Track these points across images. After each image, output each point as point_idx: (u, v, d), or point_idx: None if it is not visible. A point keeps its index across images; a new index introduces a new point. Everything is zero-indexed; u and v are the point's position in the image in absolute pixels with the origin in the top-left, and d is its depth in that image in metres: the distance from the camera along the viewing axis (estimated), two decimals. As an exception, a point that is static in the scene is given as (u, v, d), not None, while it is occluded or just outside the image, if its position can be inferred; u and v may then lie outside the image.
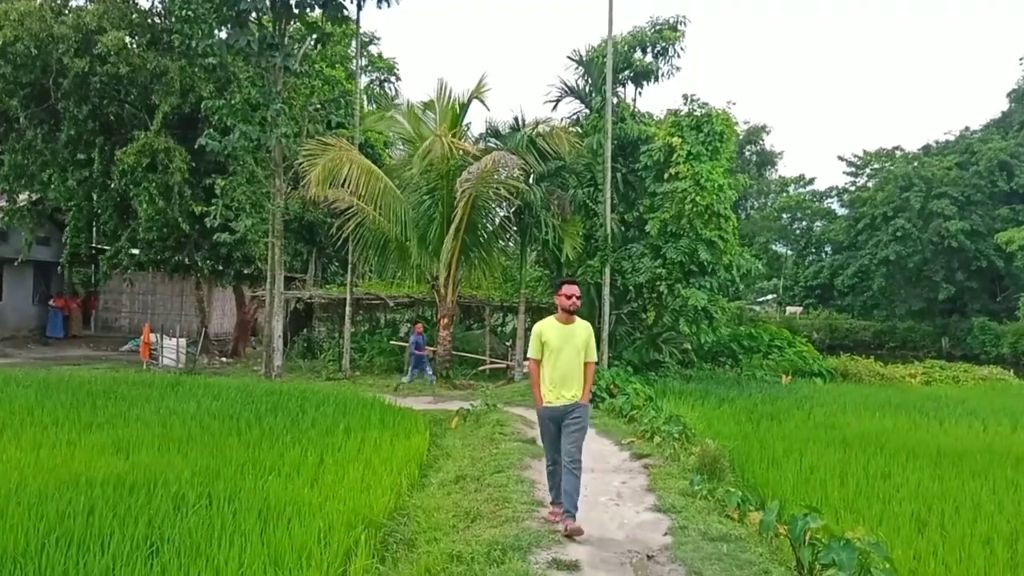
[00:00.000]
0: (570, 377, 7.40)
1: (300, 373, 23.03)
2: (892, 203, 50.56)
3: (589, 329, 7.67)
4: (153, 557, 5.63)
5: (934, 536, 7.34)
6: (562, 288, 7.55)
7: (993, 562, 6.55)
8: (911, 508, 8.37)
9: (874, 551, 5.89)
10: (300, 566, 5.73)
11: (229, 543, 5.96)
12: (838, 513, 8.06)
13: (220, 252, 24.57)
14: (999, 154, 48.99)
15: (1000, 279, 49.90)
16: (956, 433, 13.92)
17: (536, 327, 7.63)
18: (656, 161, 21.48)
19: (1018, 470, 10.62)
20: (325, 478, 8.64)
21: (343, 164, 19.85)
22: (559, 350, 7.39)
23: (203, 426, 11.40)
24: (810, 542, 6.24)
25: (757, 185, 68.95)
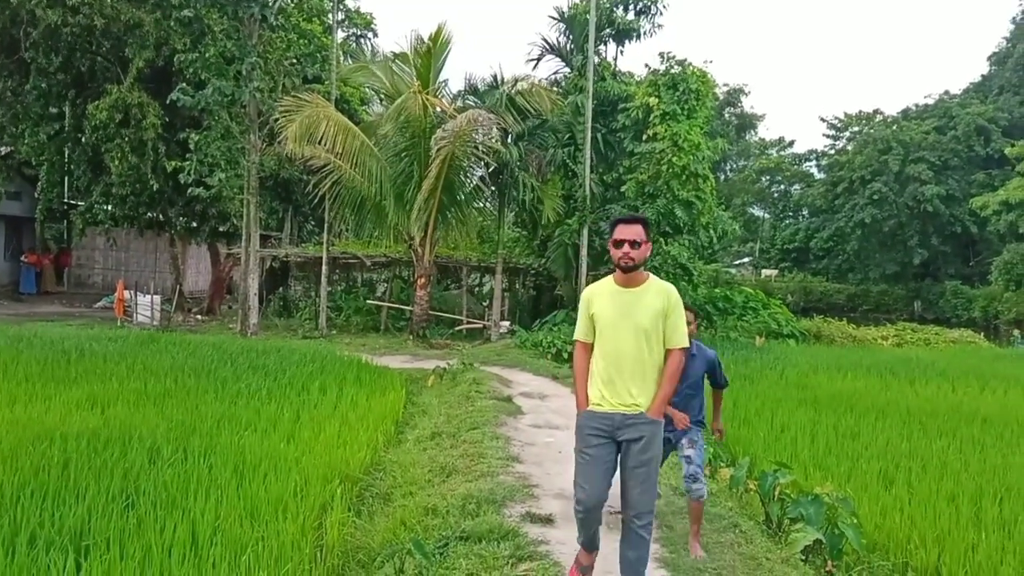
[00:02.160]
0: (627, 372, 4.65)
1: (276, 331, 23.00)
2: (870, 167, 50.88)
3: (669, 295, 4.73)
4: (129, 509, 5.66)
5: (901, 493, 7.49)
6: (615, 230, 4.74)
7: (957, 518, 6.70)
8: (879, 466, 8.53)
9: (841, 506, 6.05)
10: (276, 518, 5.79)
11: (205, 496, 6.00)
12: (807, 470, 8.20)
13: (195, 209, 24.34)
14: (977, 119, 49.35)
15: (973, 244, 50.49)
16: (925, 394, 14.14)
17: (584, 292, 5.00)
18: (635, 121, 21.45)
19: (984, 430, 10.84)
20: (301, 434, 8.68)
21: (319, 121, 19.70)
22: (612, 327, 4.70)
23: (179, 382, 11.39)
24: (779, 497, 6.40)
25: (737, 148, 69.13)
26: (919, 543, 6.14)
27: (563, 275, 23.30)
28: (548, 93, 21.48)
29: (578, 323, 4.92)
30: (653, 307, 4.64)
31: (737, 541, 5.74)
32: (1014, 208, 40.47)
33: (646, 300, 4.67)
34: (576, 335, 4.93)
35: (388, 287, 27.21)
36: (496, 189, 22.66)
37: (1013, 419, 11.72)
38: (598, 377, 4.74)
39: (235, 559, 4.99)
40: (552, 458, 8.19)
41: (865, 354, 20.69)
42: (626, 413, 4.59)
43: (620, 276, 4.73)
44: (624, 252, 4.63)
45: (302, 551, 5.42)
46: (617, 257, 4.66)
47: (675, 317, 4.67)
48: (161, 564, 4.72)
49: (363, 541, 6.12)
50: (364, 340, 21.50)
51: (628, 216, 4.87)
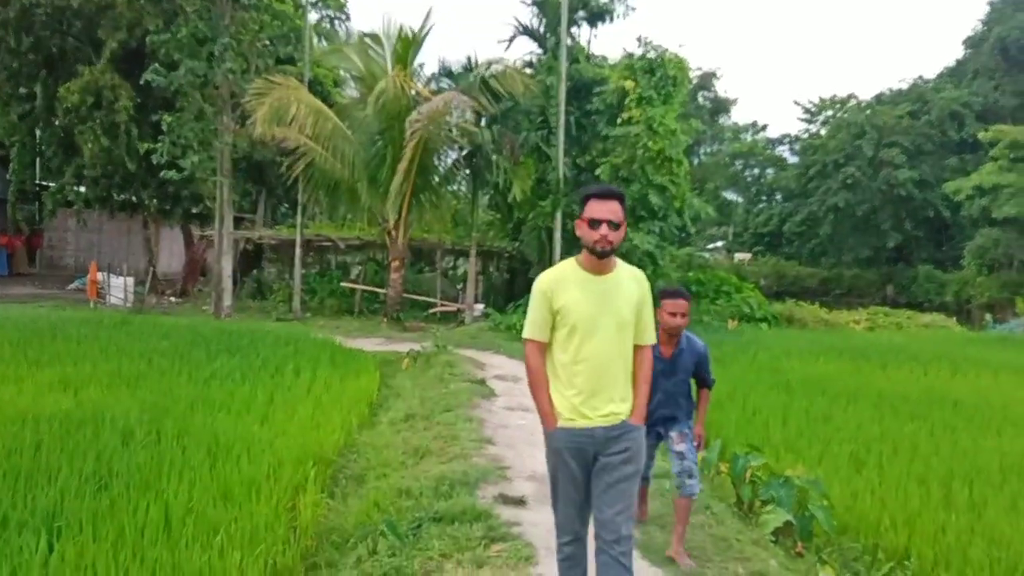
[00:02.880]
0: (611, 377, 3.90)
1: (250, 313, 22.91)
2: (843, 151, 51.12)
3: (641, 282, 4.04)
4: (102, 491, 5.65)
5: (872, 475, 7.60)
6: (587, 206, 3.89)
7: (927, 500, 6.81)
8: (850, 448, 8.64)
9: (812, 488, 6.14)
10: (250, 500, 5.80)
11: (178, 477, 6.00)
12: (779, 453, 8.28)
13: (168, 190, 24.15)
14: (951, 104, 49.66)
15: (947, 228, 50.88)
16: (897, 378, 14.32)
17: (541, 280, 3.96)
18: (609, 104, 21.50)
19: (956, 413, 10.99)
20: (275, 416, 8.69)
21: (291, 103, 19.57)
22: (588, 323, 3.85)
23: (152, 364, 11.36)
24: (751, 480, 6.48)
25: (710, 131, 69.31)
26: (889, 525, 6.24)
27: (536, 258, 23.35)
28: (521, 76, 21.46)
29: (531, 317, 3.91)
30: (631, 297, 3.88)
31: (708, 523, 5.81)
32: (987, 193, 40.80)
33: (624, 289, 3.89)
34: (528, 332, 3.92)
35: (362, 270, 27.14)
36: (470, 172, 22.64)
37: (984, 402, 11.91)
38: (571, 387, 3.84)
39: (208, 540, 4.99)
40: (525, 440, 8.24)
41: (837, 338, 20.91)
42: (607, 426, 3.82)
43: (590, 261, 3.86)
44: (602, 235, 3.74)
45: (275, 532, 5.43)
46: (592, 240, 3.77)
47: (647, 309, 3.99)
48: (134, 545, 4.72)
49: (336, 522, 6.14)
50: (338, 322, 21.47)
51: (603, 189, 3.90)
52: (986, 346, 20.41)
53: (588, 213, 3.83)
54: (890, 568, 5.63)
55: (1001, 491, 7.17)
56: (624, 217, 3.87)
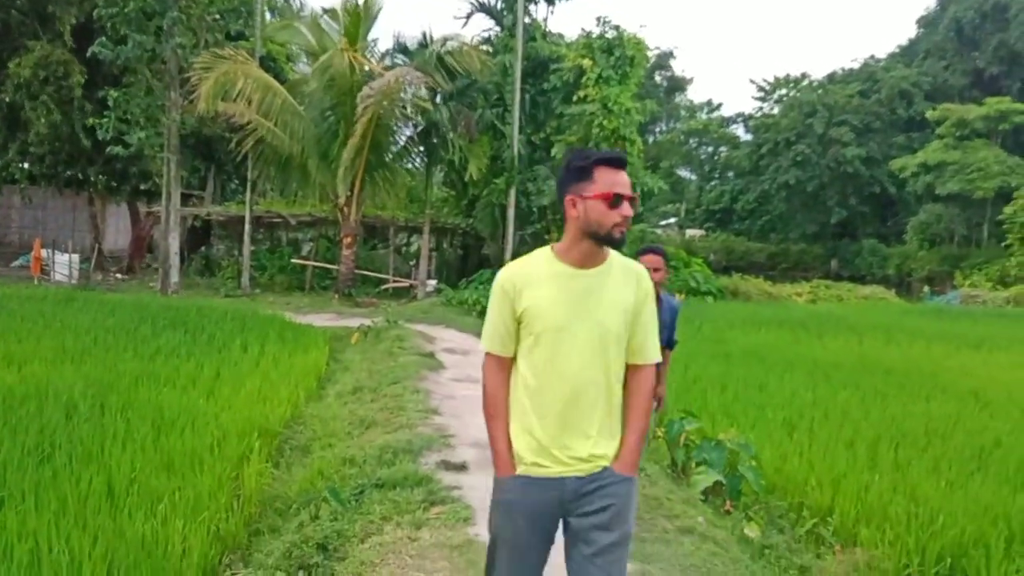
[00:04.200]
0: (587, 406, 2.87)
1: (198, 290, 22.76)
2: (795, 129, 51.91)
3: (640, 280, 2.95)
4: (44, 463, 5.68)
5: (802, 439, 7.87)
6: (596, 173, 2.84)
7: (854, 462, 7.09)
8: (783, 414, 8.94)
9: (742, 451, 6.38)
10: (193, 470, 5.87)
11: (122, 449, 6.06)
12: (715, 419, 8.52)
13: (116, 167, 23.82)
14: (900, 83, 50.66)
15: (892, 204, 52.00)
16: (834, 347, 14.75)
17: (503, 276, 2.96)
18: (565, 83, 21.67)
19: (886, 380, 11.39)
20: (221, 390, 8.73)
21: (237, 78, 19.38)
22: (558, 331, 2.85)
23: (98, 340, 11.27)
24: (685, 443, 6.70)
25: (666, 110, 69.76)
26: (815, 485, 6.49)
27: (490, 235, 23.50)
28: (478, 53, 21.50)
29: (490, 323, 2.94)
30: (622, 299, 2.86)
31: (642, 484, 6.00)
32: (932, 170, 41.88)
33: (612, 288, 2.86)
34: (486, 343, 2.94)
35: (313, 246, 27.05)
36: (425, 149, 22.65)
37: (915, 370, 12.36)
38: (535, 418, 2.84)
39: (151, 508, 5.07)
40: (470, 410, 8.38)
41: (779, 310, 21.40)
42: (582, 476, 2.81)
43: (581, 251, 2.83)
44: (625, 216, 2.79)
45: (218, 501, 5.51)
46: (610, 224, 2.77)
47: (648, 315, 2.92)
48: (76, 514, 4.79)
49: (281, 491, 6.24)
50: (288, 299, 21.45)
51: (614, 155, 2.88)
52: (922, 317, 21.04)
53: (603, 186, 2.78)
54: (813, 524, 5.89)
55: (925, 453, 7.48)
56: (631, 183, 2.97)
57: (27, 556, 4.12)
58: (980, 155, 40.40)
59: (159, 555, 4.47)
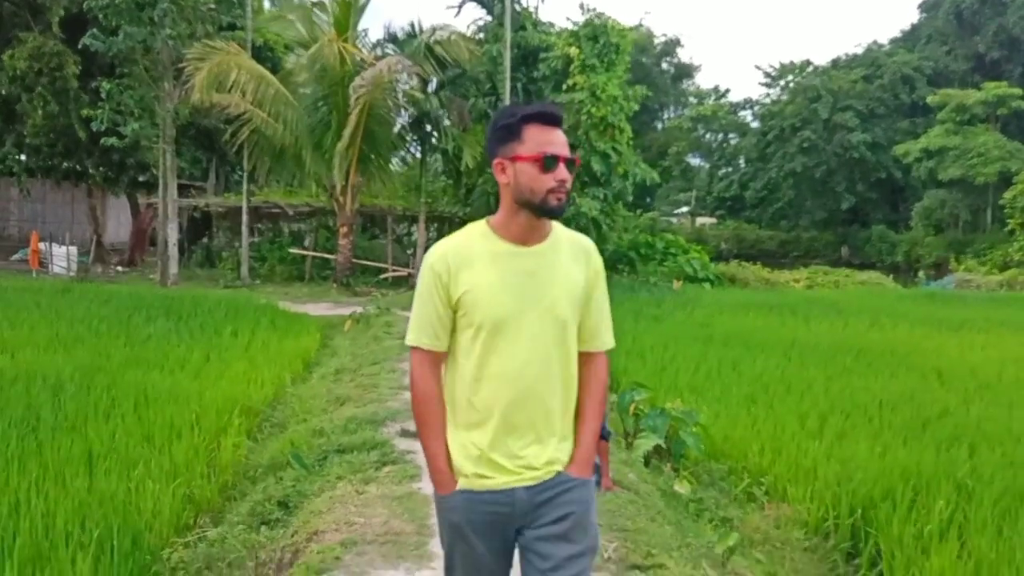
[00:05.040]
0: (537, 401, 2.52)
1: (198, 282, 23.31)
2: (800, 115, 52.14)
3: (591, 256, 2.64)
4: (29, 434, 6.20)
5: (759, 411, 8.36)
6: (525, 131, 2.48)
7: (800, 431, 7.57)
8: (748, 390, 9.40)
9: (686, 418, 6.86)
10: (171, 442, 6.39)
11: (104, 422, 6.59)
12: (683, 394, 8.94)
13: (112, 159, 24.38)
14: (903, 68, 50.88)
15: (902, 190, 52.22)
16: (818, 330, 15.16)
17: (432, 256, 2.56)
18: (554, 71, 22.11)
19: (857, 359, 11.79)
20: (208, 373, 9.25)
21: (230, 69, 19.87)
22: (505, 321, 2.48)
23: (91, 329, 11.80)
24: (634, 412, 7.19)
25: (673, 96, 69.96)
26: (757, 451, 6.99)
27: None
28: (467, 43, 21.97)
29: (418, 313, 2.57)
30: (574, 279, 2.56)
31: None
32: (934, 155, 42.14)
33: (561, 268, 2.55)
34: (413, 337, 2.57)
35: (313, 236, 27.60)
36: (418, 138, 23.14)
37: (888, 350, 12.77)
38: (475, 423, 2.52)
39: (128, 473, 5.58)
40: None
41: (774, 296, 21.83)
42: (533, 485, 2.51)
43: (520, 224, 2.51)
44: (561, 180, 2.47)
45: (194, 469, 6.02)
46: (545, 190, 2.45)
47: (601, 295, 2.66)
48: (56, 475, 5.31)
49: (255, 461, 6.77)
50: (287, 289, 22.00)
51: (546, 109, 2.56)
52: (913, 301, 21.41)
53: (534, 146, 2.47)
54: (747, 484, 6.39)
55: (871, 423, 7.94)
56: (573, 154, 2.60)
57: (8, 508, 4.64)
58: (980, 140, 40.72)
59: (131, 512, 4.98)
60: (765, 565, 4.87)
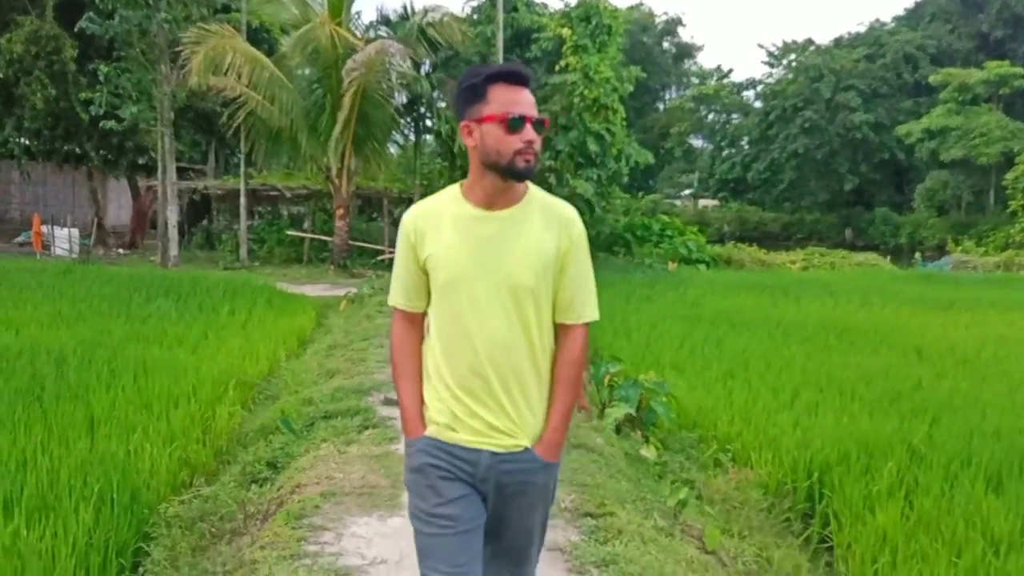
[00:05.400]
0: (498, 371, 2.52)
1: (198, 263, 23.76)
2: (802, 95, 52.31)
3: (570, 224, 2.59)
4: (34, 402, 6.63)
5: (736, 385, 8.75)
6: (490, 91, 2.47)
7: (773, 404, 7.96)
8: (728, 365, 9.79)
9: (657, 388, 7.27)
10: (168, 410, 6.82)
11: (105, 391, 7.02)
12: (664, 370, 9.35)
13: (112, 142, 24.76)
14: (906, 46, 51.03)
15: (906, 171, 52.42)
16: (808, 310, 15.52)
17: (406, 218, 2.66)
18: (547, 52, 22.42)
19: (840, 338, 12.16)
20: (206, 348, 9.68)
21: (225, 52, 20.19)
22: (464, 285, 2.52)
23: (92, 307, 12.22)
24: (609, 383, 7.61)
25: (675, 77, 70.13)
26: (728, 421, 7.40)
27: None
28: (459, 24, 22.27)
29: (395, 275, 2.69)
30: (539, 247, 2.52)
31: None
32: (936, 135, 42.37)
33: (527, 233, 2.53)
34: (391, 297, 2.71)
35: (311, 219, 28.00)
36: (412, 120, 23.49)
37: (872, 329, 13.14)
38: (443, 385, 2.56)
39: (127, 437, 6.01)
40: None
41: (768, 277, 22.21)
42: (498, 451, 2.52)
43: (488, 188, 2.52)
44: (528, 141, 2.45)
45: (190, 435, 6.46)
46: (512, 152, 2.44)
47: (579, 266, 2.60)
48: (59, 437, 5.74)
49: (248, 428, 7.21)
50: (285, 271, 22.44)
51: (512, 68, 2.53)
52: (907, 282, 21.76)
53: (499, 106, 2.45)
54: (714, 451, 6.81)
55: (841, 396, 8.33)
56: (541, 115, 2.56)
57: (15, 464, 5.07)
58: (982, 120, 41.00)
59: (130, 471, 5.40)
60: (718, 520, 5.27)
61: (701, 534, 4.91)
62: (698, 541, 4.80)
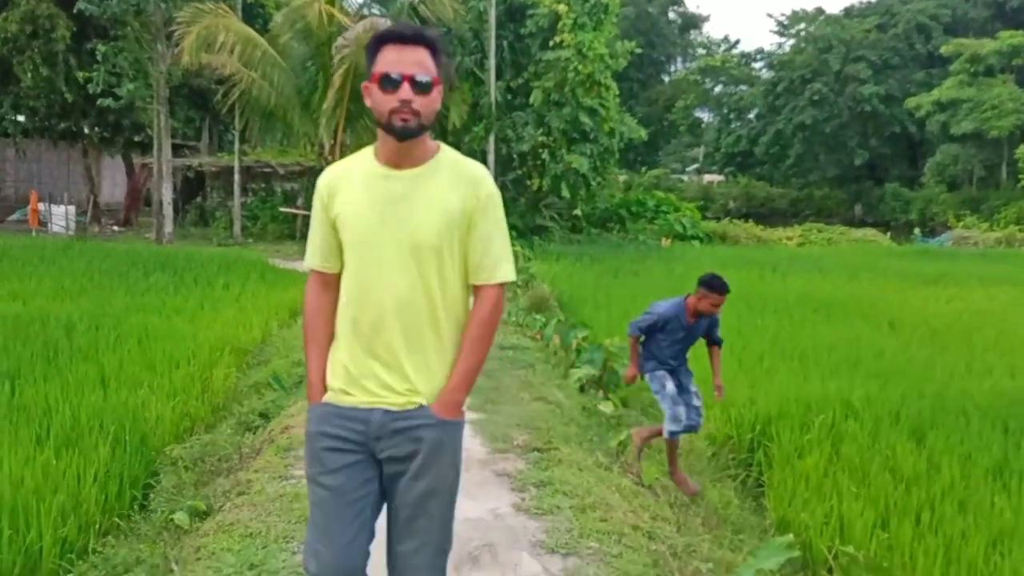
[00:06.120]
0: (394, 331, 2.64)
1: (192, 240, 24.72)
2: (811, 66, 52.57)
3: (478, 183, 2.68)
4: (50, 361, 7.58)
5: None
6: (379, 55, 2.59)
7: (736, 368, 8.83)
8: (700, 335, 10.70)
9: (620, 352, 8.17)
10: (170, 369, 7.76)
11: (112, 352, 7.97)
12: (638, 339, 10.30)
13: (108, 119, 25.63)
14: (918, 16, 51.15)
15: (919, 145, 52.56)
16: (793, 285, 16.39)
17: (321, 180, 2.83)
18: (541, 28, 23.23)
19: (818, 310, 13.02)
20: (202, 318, 10.63)
21: (218, 31, 20.95)
22: (366, 243, 2.66)
23: (93, 281, 13.21)
24: (577, 347, 8.54)
25: (680, 48, 70.50)
26: (687, 381, 8.31)
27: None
28: (450, 1, 22.97)
29: (310, 236, 2.86)
30: (445, 205, 2.62)
31: (527, 376, 7.89)
32: (946, 108, 42.83)
33: (432, 192, 2.63)
34: (307, 258, 2.87)
35: (304, 196, 28.86)
36: (404, 97, 24.28)
37: (852, 302, 14.03)
38: (345, 343, 2.70)
39: (135, 391, 6.95)
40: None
41: (763, 253, 23.13)
42: (391, 409, 2.63)
43: (388, 147, 2.65)
44: (402, 100, 2.53)
45: (190, 391, 7.40)
46: (386, 110, 2.55)
47: (488, 226, 2.69)
48: (76, 390, 6.68)
49: (242, 386, 8.15)
50: (279, 247, 23.39)
51: (402, 29, 2.63)
52: (901, 258, 22.65)
53: (380, 66, 2.57)
54: (670, 407, 7.71)
55: (801, 363, 9.22)
56: (441, 76, 2.66)
57: (41, 408, 6.02)
58: (994, 92, 41.25)
59: (139, 419, 6.34)
60: (661, 463, 6.19)
61: (640, 471, 5.85)
62: (637, 477, 5.74)
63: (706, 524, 5.12)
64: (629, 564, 3.82)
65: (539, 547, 4.04)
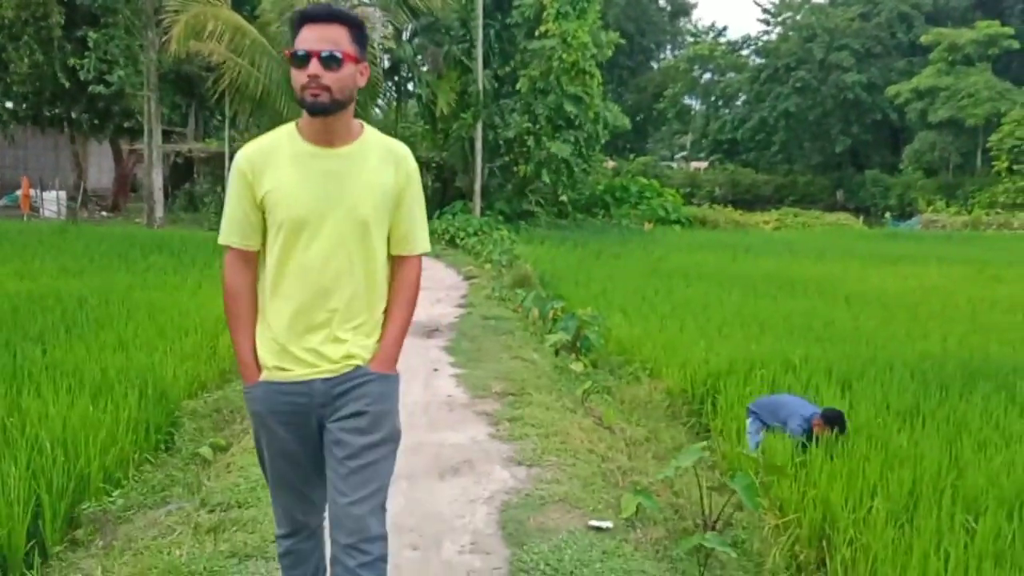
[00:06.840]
0: (337, 294, 2.79)
1: (182, 225, 25.48)
2: (795, 55, 53.63)
3: (403, 162, 2.87)
4: (70, 329, 8.44)
5: (670, 323, 10.58)
6: (298, 35, 2.68)
7: (694, 335, 9.77)
8: (670, 309, 11.63)
9: (593, 321, 9.10)
10: (180, 337, 8.63)
11: (126, 322, 8.83)
12: (613, 313, 11.15)
13: (98, 106, 26.32)
14: (900, 5, 52.24)
15: (900, 132, 53.74)
16: (763, 265, 17.41)
17: (239, 155, 2.82)
18: (527, 18, 24.10)
19: (780, 288, 14.04)
20: (203, 295, 11.49)
21: (207, 20, 21.64)
22: (306, 220, 2.74)
23: (94, 262, 14.02)
24: (553, 317, 9.45)
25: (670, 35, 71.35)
26: (651, 347, 9.23)
27: (461, 168, 26.15)
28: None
29: (227, 212, 2.84)
30: (379, 183, 2.78)
31: (508, 341, 8.80)
32: (924, 96, 43.97)
33: (366, 171, 2.77)
34: (223, 235, 2.85)
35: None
36: (393, 85, 25.18)
37: (814, 280, 15.02)
38: (276, 318, 2.78)
39: (151, 354, 7.82)
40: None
41: (740, 236, 24.15)
42: (332, 376, 2.78)
43: (309, 124, 2.75)
44: (311, 75, 2.62)
45: (199, 357, 8.27)
46: (298, 86, 2.66)
47: (412, 200, 2.90)
48: (99, 352, 7.55)
49: (246, 352, 9.01)
50: (268, 230, 24.16)
51: (318, 8, 2.70)
52: (872, 240, 23.71)
53: (296, 44, 2.67)
54: (635, 368, 8.64)
55: (758, 330, 10.18)
56: (358, 53, 2.73)
57: (72, 367, 6.89)
58: (971, 80, 42.44)
59: (158, 376, 7.21)
60: (624, 413, 7.12)
61: (602, 415, 6.77)
62: (598, 419, 6.66)
63: (656, 457, 6.02)
64: (581, 471, 4.75)
65: (509, 462, 4.98)
